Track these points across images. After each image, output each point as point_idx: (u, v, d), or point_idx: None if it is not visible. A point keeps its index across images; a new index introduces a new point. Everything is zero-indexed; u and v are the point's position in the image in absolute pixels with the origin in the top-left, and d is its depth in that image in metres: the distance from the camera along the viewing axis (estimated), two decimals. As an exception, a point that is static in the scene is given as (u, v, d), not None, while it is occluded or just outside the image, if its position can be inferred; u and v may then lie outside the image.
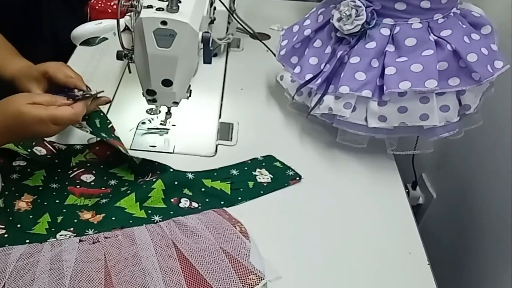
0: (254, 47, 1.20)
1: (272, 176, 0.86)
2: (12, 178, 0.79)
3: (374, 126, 0.85)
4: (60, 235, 0.70)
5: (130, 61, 0.83)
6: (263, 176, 0.86)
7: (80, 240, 0.69)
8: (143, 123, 0.95)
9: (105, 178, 0.82)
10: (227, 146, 0.93)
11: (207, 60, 0.81)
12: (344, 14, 0.85)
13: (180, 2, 0.75)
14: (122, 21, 0.84)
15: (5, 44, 0.92)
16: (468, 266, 1.11)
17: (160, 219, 0.74)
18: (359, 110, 0.86)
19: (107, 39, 0.96)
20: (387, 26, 0.85)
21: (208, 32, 0.79)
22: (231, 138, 0.95)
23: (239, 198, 0.81)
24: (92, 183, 0.80)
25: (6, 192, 0.77)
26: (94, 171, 0.83)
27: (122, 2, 0.77)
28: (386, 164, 0.92)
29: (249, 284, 0.66)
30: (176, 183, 0.80)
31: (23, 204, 0.75)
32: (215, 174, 0.84)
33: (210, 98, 1.05)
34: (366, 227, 0.80)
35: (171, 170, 0.82)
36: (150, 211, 0.75)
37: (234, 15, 1.14)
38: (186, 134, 0.94)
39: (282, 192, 0.84)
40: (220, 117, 1.00)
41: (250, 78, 1.12)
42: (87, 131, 0.82)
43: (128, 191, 0.78)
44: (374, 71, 0.84)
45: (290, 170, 0.87)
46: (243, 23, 1.17)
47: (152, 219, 0.74)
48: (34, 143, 0.85)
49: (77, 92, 0.81)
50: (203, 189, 0.81)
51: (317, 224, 0.80)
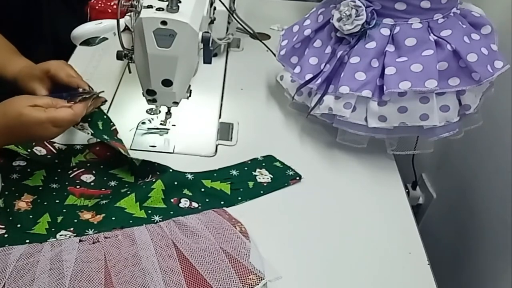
0: (254, 47, 1.20)
1: (272, 176, 0.86)
2: (12, 178, 0.80)
3: (374, 126, 0.85)
4: (60, 235, 0.70)
5: (130, 61, 0.83)
6: (263, 176, 0.86)
7: (80, 240, 0.69)
8: (143, 123, 0.95)
9: (105, 179, 0.82)
10: (227, 146, 0.93)
11: (207, 60, 0.81)
12: (344, 14, 0.85)
13: (180, 2, 0.75)
14: (122, 21, 0.84)
15: (5, 44, 0.92)
16: (468, 266, 1.11)
17: (160, 219, 0.74)
18: (359, 110, 0.86)
19: (107, 39, 0.95)
20: (387, 26, 0.85)
21: (208, 32, 0.79)
22: (231, 138, 0.95)
23: (239, 198, 0.81)
24: (92, 184, 0.80)
25: (6, 192, 0.77)
26: (94, 171, 0.83)
27: (122, 2, 0.77)
28: (386, 164, 0.92)
29: (249, 284, 0.66)
30: (175, 183, 0.80)
31: (23, 204, 0.75)
32: (215, 175, 0.84)
33: (210, 98, 1.05)
34: (366, 227, 0.80)
35: (170, 170, 0.82)
36: (150, 211, 0.75)
37: (234, 15, 1.14)
38: (186, 134, 0.94)
39: (282, 192, 0.84)
40: (220, 117, 1.00)
41: (250, 78, 1.12)
42: (88, 133, 0.82)
43: (128, 192, 0.78)
44: (374, 71, 0.84)
45: (290, 170, 0.87)
46: (243, 23, 1.17)
47: (152, 219, 0.74)
48: (34, 143, 0.85)
49: (81, 91, 0.81)
50: (203, 189, 0.81)
51: (317, 224, 0.80)
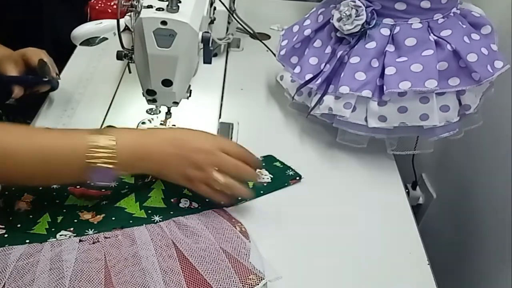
0: (254, 47, 1.20)
1: (272, 176, 0.86)
2: None
3: (374, 126, 0.85)
4: (60, 235, 0.70)
5: (130, 61, 0.83)
6: (263, 176, 0.85)
7: (80, 240, 0.69)
8: (143, 123, 0.95)
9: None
10: (227, 146, 0.93)
11: (207, 60, 0.81)
12: (344, 14, 0.85)
13: (180, 2, 0.75)
14: (122, 21, 0.84)
15: None
16: (468, 266, 1.11)
17: (160, 219, 0.74)
18: (359, 110, 0.86)
19: (107, 39, 0.95)
20: (387, 26, 0.85)
21: (208, 32, 0.79)
22: (231, 138, 0.95)
23: (239, 198, 0.80)
24: (92, 184, 0.80)
25: (6, 192, 0.77)
26: None
27: (122, 2, 0.77)
28: (386, 164, 0.92)
29: (249, 284, 0.65)
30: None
31: (23, 204, 0.75)
32: None
33: (210, 98, 1.05)
34: (366, 227, 0.80)
35: None
36: (150, 211, 0.75)
37: (234, 15, 1.14)
38: (186, 134, 0.94)
39: (282, 192, 0.84)
40: (220, 117, 1.00)
41: (250, 78, 1.12)
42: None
43: (128, 192, 0.78)
44: (374, 71, 0.84)
45: (290, 170, 0.87)
46: (243, 23, 1.17)
47: (152, 219, 0.74)
48: None
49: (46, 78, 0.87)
50: None
51: (317, 224, 0.80)
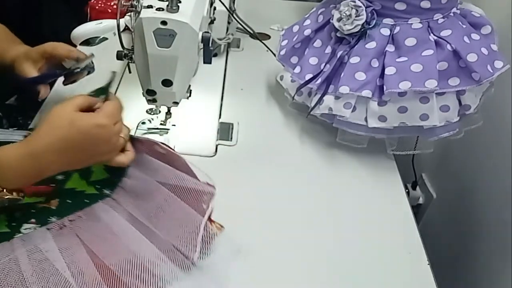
0: (254, 47, 1.20)
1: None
2: None
3: (374, 126, 0.85)
4: (25, 229, 0.70)
5: (130, 61, 0.83)
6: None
7: (47, 229, 0.70)
8: (143, 123, 0.95)
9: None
10: (227, 146, 0.93)
11: (207, 60, 0.81)
12: (344, 14, 0.85)
13: (180, 2, 0.75)
14: (122, 21, 0.84)
15: (7, 33, 0.92)
16: (468, 266, 1.11)
17: (111, 191, 0.76)
18: (359, 110, 0.86)
19: (107, 39, 0.96)
20: (387, 26, 0.85)
21: (208, 32, 0.79)
22: (231, 138, 0.95)
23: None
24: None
25: None
26: None
27: (122, 2, 0.77)
28: (386, 164, 0.92)
29: (206, 204, 0.72)
30: None
31: None
32: None
33: (210, 98, 1.05)
34: (366, 227, 0.80)
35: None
36: (98, 186, 0.77)
37: (234, 15, 1.14)
38: (186, 134, 0.94)
39: (282, 192, 0.85)
40: (220, 117, 1.00)
41: (250, 78, 1.12)
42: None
43: (71, 172, 0.77)
44: (374, 71, 0.84)
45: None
46: (243, 23, 1.17)
47: (103, 193, 0.76)
48: None
49: (73, 68, 0.83)
50: None
51: (317, 224, 0.80)
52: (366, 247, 0.77)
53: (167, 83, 0.80)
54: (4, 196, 0.66)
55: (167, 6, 0.74)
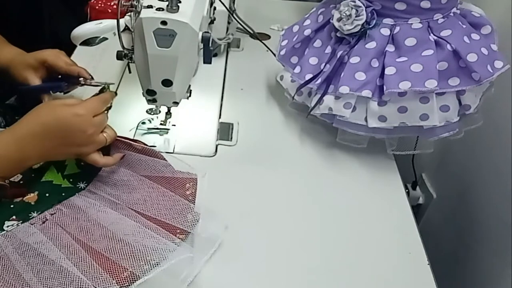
0: (254, 47, 1.20)
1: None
2: None
3: (374, 126, 0.85)
4: (7, 226, 0.70)
5: (130, 61, 0.83)
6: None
7: (30, 224, 0.70)
8: (143, 123, 0.95)
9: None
10: (227, 146, 0.93)
11: (207, 60, 0.81)
12: (344, 14, 0.85)
13: (180, 2, 0.75)
14: (122, 21, 0.84)
15: None
16: (468, 266, 1.11)
17: (85, 185, 0.77)
18: (359, 110, 0.86)
19: (107, 39, 0.95)
20: (387, 26, 0.85)
21: (208, 32, 0.79)
22: (231, 138, 0.95)
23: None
24: (21, 182, 0.79)
25: None
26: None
27: (122, 2, 0.77)
28: (386, 164, 0.92)
29: (191, 193, 0.74)
30: None
31: None
32: None
33: (210, 98, 1.05)
34: (366, 227, 0.80)
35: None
36: (71, 179, 0.78)
37: (234, 15, 1.14)
38: (186, 134, 0.94)
39: (282, 192, 0.85)
40: (220, 117, 1.00)
41: (250, 78, 1.12)
42: None
43: (47, 164, 0.79)
44: (374, 71, 0.84)
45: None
46: (243, 23, 1.17)
47: (78, 187, 0.77)
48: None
49: (81, 81, 0.84)
50: None
51: (317, 224, 0.80)
52: (366, 247, 0.77)
53: (167, 83, 0.80)
54: None
55: (167, 6, 0.74)
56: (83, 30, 0.95)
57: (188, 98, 0.89)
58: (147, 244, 0.68)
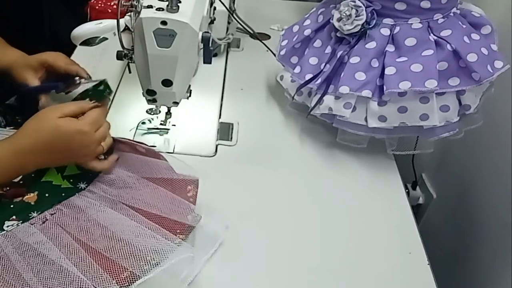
0: (254, 47, 1.20)
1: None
2: None
3: (374, 126, 0.85)
4: (7, 226, 0.70)
5: (130, 61, 0.83)
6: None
7: (30, 224, 0.70)
8: (143, 123, 0.95)
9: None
10: (227, 146, 0.93)
11: (207, 60, 0.81)
12: (344, 14, 0.85)
13: (180, 2, 0.75)
14: (122, 21, 0.84)
15: None
16: (468, 266, 1.11)
17: (86, 185, 0.77)
18: (359, 110, 0.86)
19: (107, 39, 0.95)
20: (387, 26, 0.85)
21: (208, 32, 0.79)
22: (231, 138, 0.95)
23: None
24: (21, 182, 0.79)
25: None
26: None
27: (122, 2, 0.77)
28: (386, 164, 0.92)
29: (192, 195, 0.75)
30: None
31: None
32: None
33: (210, 98, 1.05)
34: (366, 227, 0.80)
35: None
36: (71, 180, 0.77)
37: (234, 15, 1.14)
38: (186, 134, 0.94)
39: (281, 192, 0.85)
40: (220, 117, 1.00)
41: (250, 78, 1.12)
42: None
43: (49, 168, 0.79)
44: (374, 71, 0.84)
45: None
46: (243, 23, 1.17)
47: (78, 187, 0.76)
48: None
49: (76, 80, 0.84)
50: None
51: (317, 224, 0.80)
52: (366, 247, 0.77)
53: (167, 83, 0.80)
54: None
55: (167, 6, 0.74)
56: (83, 30, 0.95)
57: (188, 98, 0.89)
58: (147, 244, 0.68)
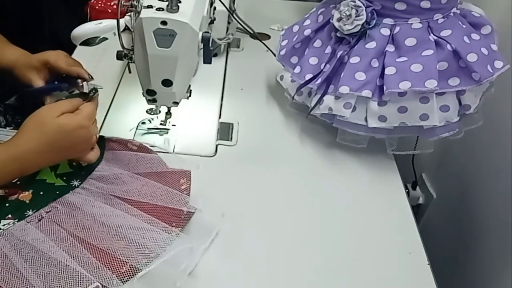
0: (254, 47, 1.20)
1: None
2: None
3: (374, 126, 0.85)
4: (4, 225, 0.70)
5: (130, 61, 0.83)
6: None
7: (26, 222, 0.71)
8: (143, 123, 0.95)
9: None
10: (227, 146, 0.93)
11: (207, 60, 0.81)
12: (344, 14, 0.85)
13: (180, 2, 0.75)
14: (122, 21, 0.84)
15: None
16: (468, 266, 1.11)
17: (79, 182, 0.77)
18: (359, 110, 0.86)
19: (107, 39, 0.95)
20: (387, 26, 0.85)
21: (208, 32, 0.79)
22: (231, 138, 0.95)
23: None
24: (18, 182, 0.79)
25: None
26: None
27: (122, 2, 0.77)
28: (386, 164, 0.92)
29: (186, 182, 0.76)
30: None
31: None
32: None
33: (210, 98, 1.05)
34: (366, 227, 0.80)
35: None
36: (65, 178, 0.78)
37: (234, 15, 1.14)
38: (186, 134, 0.94)
39: (282, 192, 0.85)
40: (220, 117, 1.00)
41: (250, 78, 1.12)
42: None
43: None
44: (374, 71, 0.84)
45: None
46: (243, 23, 1.17)
47: (72, 184, 0.77)
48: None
49: (79, 81, 0.85)
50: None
51: (317, 224, 0.80)
52: (366, 247, 0.77)
53: (167, 83, 0.81)
54: None
55: (167, 6, 0.74)
56: (83, 30, 0.96)
57: (188, 98, 0.89)
58: (146, 237, 0.68)
